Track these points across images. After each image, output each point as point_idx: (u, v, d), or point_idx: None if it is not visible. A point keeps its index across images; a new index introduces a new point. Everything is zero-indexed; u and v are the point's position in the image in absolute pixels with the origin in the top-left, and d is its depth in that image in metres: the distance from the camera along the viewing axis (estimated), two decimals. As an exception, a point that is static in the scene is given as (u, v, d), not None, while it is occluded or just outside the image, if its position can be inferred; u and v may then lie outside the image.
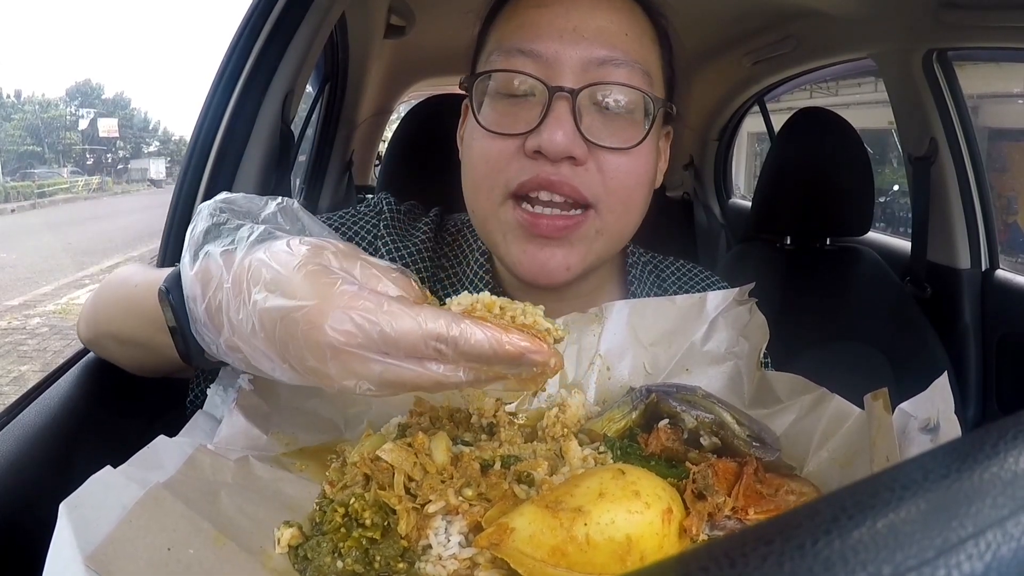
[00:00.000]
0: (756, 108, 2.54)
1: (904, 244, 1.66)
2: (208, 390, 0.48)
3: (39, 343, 5.94)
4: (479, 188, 0.54)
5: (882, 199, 3.29)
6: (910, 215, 1.58)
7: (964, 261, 1.49)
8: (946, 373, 0.37)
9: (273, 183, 1.17)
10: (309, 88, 1.81)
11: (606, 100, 0.52)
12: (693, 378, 0.51)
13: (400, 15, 1.74)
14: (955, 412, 0.35)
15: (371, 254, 0.64)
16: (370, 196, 2.23)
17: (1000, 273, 1.47)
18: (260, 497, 0.38)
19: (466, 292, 0.37)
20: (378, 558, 0.34)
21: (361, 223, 0.66)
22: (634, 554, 0.34)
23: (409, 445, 0.40)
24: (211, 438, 0.42)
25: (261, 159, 1.06)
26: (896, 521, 0.15)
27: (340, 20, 1.55)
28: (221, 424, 0.43)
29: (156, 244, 1.07)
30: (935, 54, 1.44)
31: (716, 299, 0.55)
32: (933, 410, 0.36)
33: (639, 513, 0.34)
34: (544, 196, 0.50)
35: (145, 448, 0.37)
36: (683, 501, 0.39)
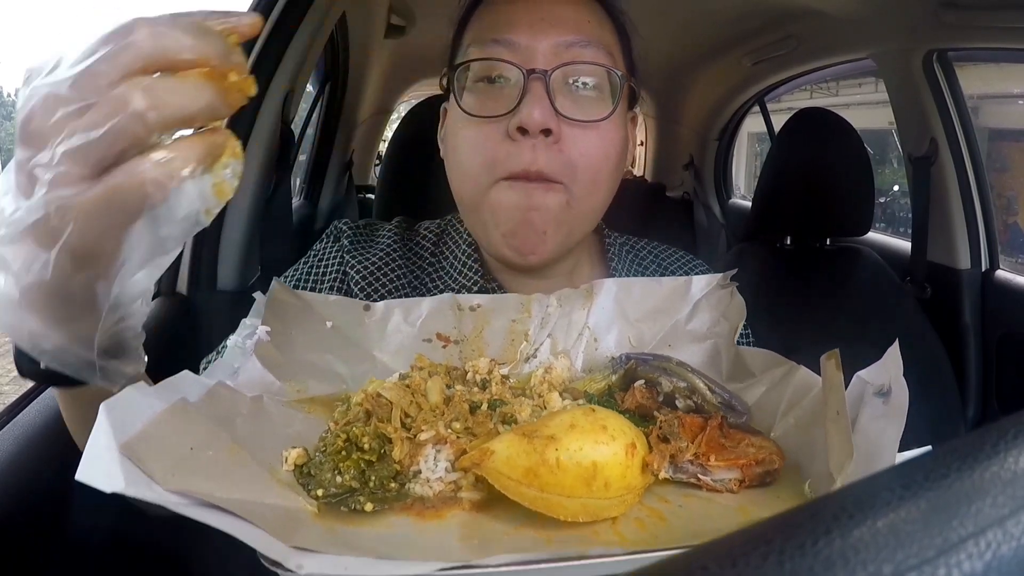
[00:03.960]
0: (756, 108, 2.54)
1: (904, 244, 1.66)
2: (228, 341, 0.51)
3: (39, 343, 5.93)
4: (469, 172, 0.58)
5: (882, 199, 3.29)
6: (910, 215, 1.58)
7: (964, 261, 1.49)
8: (898, 342, 0.40)
9: (273, 183, 1.17)
10: (309, 88, 1.81)
11: (576, 82, 0.57)
12: (675, 353, 0.54)
13: (400, 15, 1.74)
14: (955, 412, 0.36)
15: (343, 282, 0.65)
16: (370, 196, 2.24)
17: (1000, 273, 1.47)
18: (271, 427, 0.42)
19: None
20: (373, 478, 0.39)
21: (327, 259, 0.68)
22: (599, 479, 0.38)
23: (407, 386, 0.45)
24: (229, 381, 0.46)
25: (261, 159, 1.07)
26: (896, 520, 0.15)
27: (340, 20, 1.55)
28: (239, 369, 0.47)
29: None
30: (935, 54, 1.44)
31: (701, 283, 0.58)
32: (886, 376, 0.38)
33: (605, 444, 0.39)
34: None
35: (169, 379, 0.40)
36: (648, 444, 0.43)
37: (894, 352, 0.40)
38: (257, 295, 0.54)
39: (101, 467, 0.29)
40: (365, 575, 0.30)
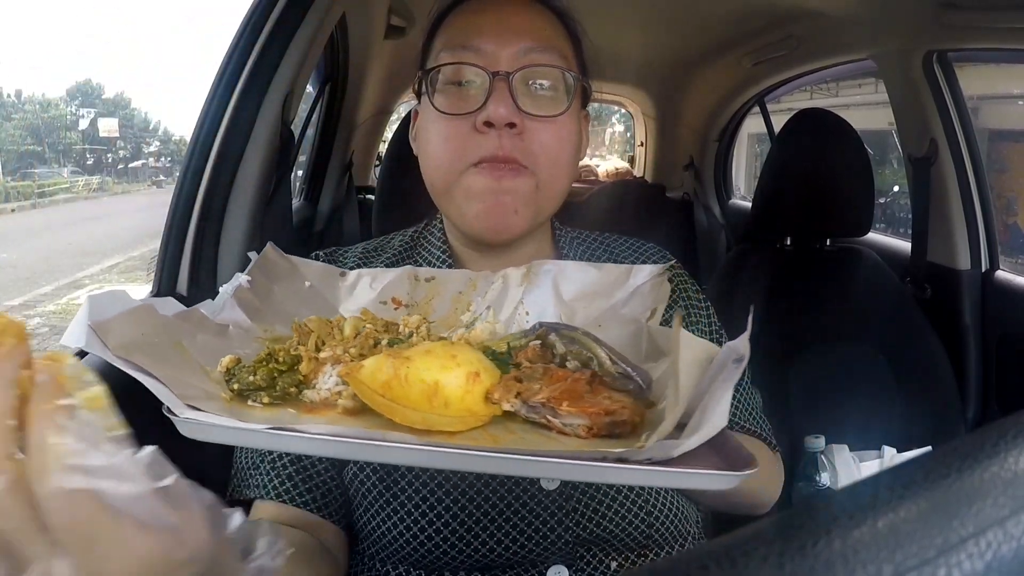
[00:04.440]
0: (756, 109, 2.54)
1: (904, 245, 1.66)
2: (220, 289, 0.57)
3: (39, 343, 5.91)
4: (442, 162, 0.66)
5: (882, 200, 3.29)
6: (910, 216, 1.58)
7: (964, 262, 1.49)
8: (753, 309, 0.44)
9: (273, 183, 1.17)
10: (309, 88, 1.81)
11: (535, 83, 0.65)
12: (603, 332, 0.56)
13: (400, 15, 1.74)
14: (955, 412, 0.36)
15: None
16: (369, 197, 2.24)
17: (1000, 274, 1.47)
18: (227, 347, 0.51)
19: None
20: (279, 383, 0.47)
21: None
22: (439, 397, 0.45)
23: (328, 321, 0.55)
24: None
25: (261, 159, 1.07)
26: (897, 521, 0.15)
27: (340, 20, 1.55)
28: (222, 309, 0.55)
29: (156, 244, 1.07)
30: (935, 55, 1.44)
31: (643, 272, 0.62)
32: (745, 345, 0.43)
33: (449, 370, 0.46)
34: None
35: (156, 298, 0.48)
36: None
37: (750, 319, 0.45)
38: (251, 254, 0.60)
39: (74, 336, 0.38)
40: (223, 427, 0.39)
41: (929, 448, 0.22)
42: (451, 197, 0.67)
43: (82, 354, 0.56)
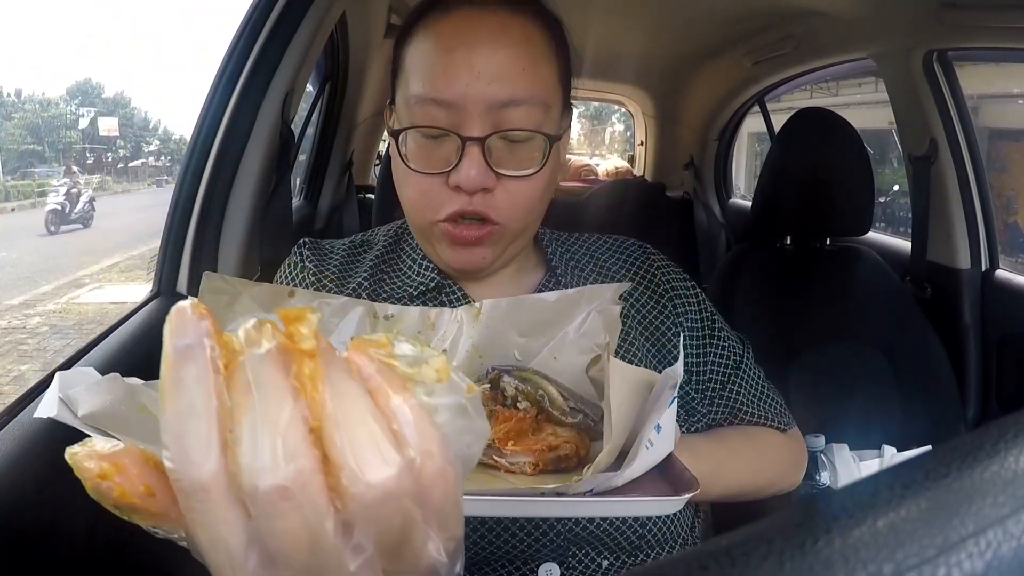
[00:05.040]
0: (756, 108, 2.54)
1: (904, 244, 1.66)
2: None
3: (39, 343, 5.93)
4: (415, 210, 0.66)
5: (882, 199, 3.29)
6: (910, 215, 1.58)
7: (964, 261, 1.49)
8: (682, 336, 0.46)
9: (273, 183, 1.17)
10: (309, 88, 1.81)
11: (509, 138, 0.62)
12: (559, 364, 0.58)
13: (400, 15, 1.74)
14: (955, 412, 0.37)
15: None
16: (369, 196, 2.24)
17: (1000, 273, 1.47)
18: None
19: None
20: None
21: (292, 275, 0.72)
22: None
23: None
24: None
25: (261, 159, 1.07)
26: (897, 520, 0.15)
27: (340, 20, 1.55)
28: None
29: (156, 244, 1.07)
30: (935, 54, 1.44)
31: (592, 294, 0.61)
32: (679, 371, 0.44)
33: None
34: (465, 219, 0.64)
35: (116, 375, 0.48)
36: None
37: (681, 350, 0.48)
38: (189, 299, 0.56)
39: (46, 407, 0.39)
40: None
41: (929, 448, 0.22)
42: (426, 237, 0.68)
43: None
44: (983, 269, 1.49)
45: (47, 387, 0.61)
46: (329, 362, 0.24)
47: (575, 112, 0.73)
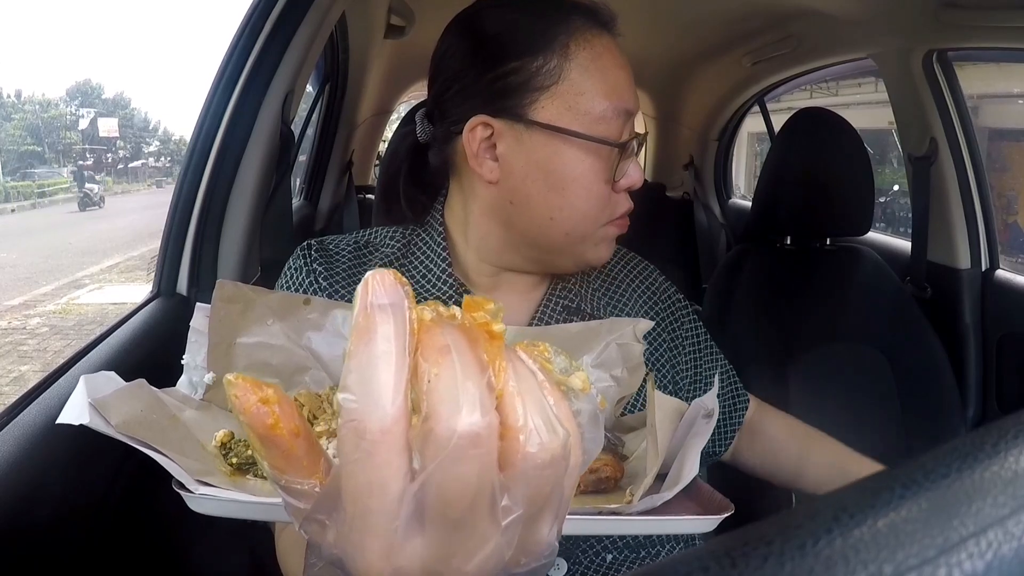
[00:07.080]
0: (756, 108, 2.54)
1: (904, 244, 1.66)
2: (179, 383, 0.54)
3: (39, 343, 5.93)
4: (585, 219, 0.67)
5: (882, 199, 3.29)
6: (910, 215, 1.58)
7: (964, 261, 1.49)
8: (722, 374, 0.46)
9: (273, 183, 1.17)
10: (309, 88, 1.81)
11: None
12: None
13: (400, 15, 1.74)
14: (955, 412, 0.37)
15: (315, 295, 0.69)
16: (369, 196, 2.24)
17: (1000, 273, 1.47)
18: (211, 420, 0.51)
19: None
20: None
21: (297, 278, 0.70)
22: None
23: (318, 395, 0.54)
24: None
25: (261, 159, 1.07)
26: (897, 520, 0.15)
27: (340, 20, 1.55)
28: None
29: (156, 244, 1.07)
30: (935, 54, 1.44)
31: (612, 327, 0.60)
32: (713, 401, 0.47)
33: None
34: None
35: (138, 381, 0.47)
36: None
37: (716, 382, 0.53)
38: (199, 307, 0.54)
39: (75, 414, 0.38)
40: (242, 501, 0.39)
41: (929, 448, 0.22)
42: (583, 241, 0.69)
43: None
44: (983, 269, 1.49)
45: (47, 388, 0.60)
46: (506, 347, 0.27)
47: None
